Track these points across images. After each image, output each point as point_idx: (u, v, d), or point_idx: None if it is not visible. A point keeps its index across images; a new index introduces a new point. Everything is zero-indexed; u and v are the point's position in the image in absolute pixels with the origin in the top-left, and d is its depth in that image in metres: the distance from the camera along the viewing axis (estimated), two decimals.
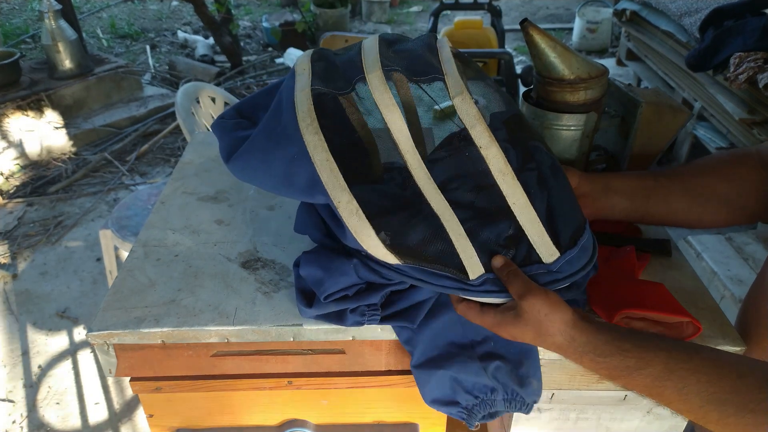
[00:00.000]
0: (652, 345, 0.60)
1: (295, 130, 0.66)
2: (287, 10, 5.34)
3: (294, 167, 0.66)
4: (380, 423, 0.88)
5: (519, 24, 0.79)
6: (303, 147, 0.64)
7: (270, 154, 0.69)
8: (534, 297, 0.61)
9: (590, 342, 0.61)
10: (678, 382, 0.58)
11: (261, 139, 0.71)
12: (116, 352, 0.76)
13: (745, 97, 2.42)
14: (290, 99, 0.69)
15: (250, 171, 0.72)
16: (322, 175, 0.64)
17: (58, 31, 3.21)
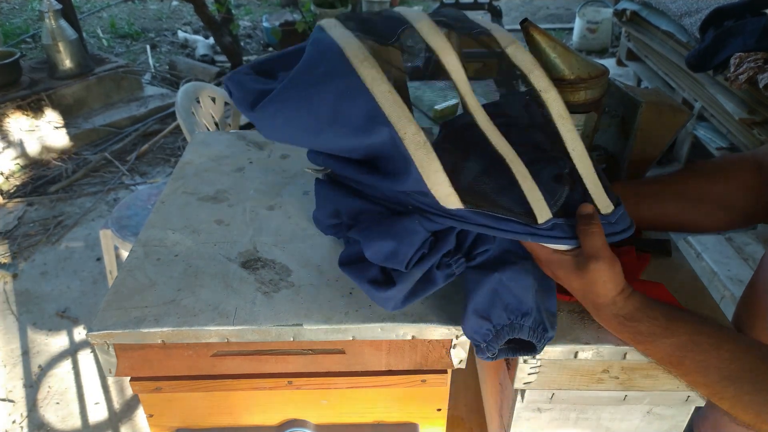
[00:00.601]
0: (679, 316, 0.62)
1: (344, 68, 0.62)
2: (287, 10, 5.34)
3: (344, 103, 0.62)
4: (380, 423, 0.88)
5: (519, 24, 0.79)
6: (356, 82, 0.61)
7: (311, 94, 0.64)
8: (604, 262, 0.61)
9: (625, 307, 0.63)
10: (700, 354, 0.60)
11: (297, 83, 0.66)
12: (116, 351, 0.76)
13: (745, 97, 2.42)
14: (330, 45, 0.65)
15: (283, 117, 0.66)
16: (385, 107, 0.60)
17: (58, 30, 3.21)
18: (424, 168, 0.59)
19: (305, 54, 0.69)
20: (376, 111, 0.60)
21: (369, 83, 0.61)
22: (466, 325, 0.68)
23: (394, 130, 0.60)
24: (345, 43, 0.64)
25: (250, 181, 1.05)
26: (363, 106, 0.61)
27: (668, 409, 0.80)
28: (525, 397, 0.80)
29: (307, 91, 0.64)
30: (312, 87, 0.64)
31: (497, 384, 0.95)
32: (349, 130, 0.63)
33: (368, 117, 0.61)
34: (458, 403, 1.16)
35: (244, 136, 1.22)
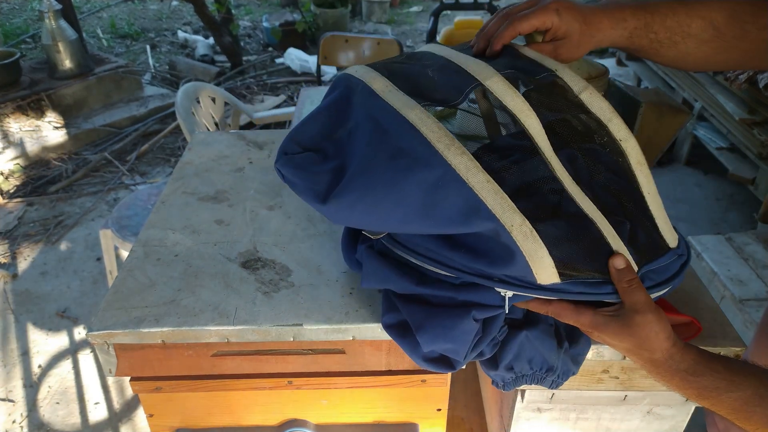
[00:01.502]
0: (743, 369, 0.61)
1: (429, 154, 0.58)
2: (287, 10, 5.34)
3: (438, 195, 0.58)
4: (380, 423, 0.88)
5: None
6: (448, 171, 0.57)
7: (396, 183, 0.59)
8: (651, 313, 0.60)
9: (685, 360, 0.61)
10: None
11: (375, 169, 0.61)
12: (116, 351, 0.76)
13: (745, 97, 2.42)
14: (396, 120, 0.61)
15: (363, 208, 0.62)
16: (487, 199, 0.56)
17: (58, 30, 3.21)
18: (532, 258, 0.57)
19: (365, 126, 0.64)
20: (477, 204, 0.57)
21: (464, 174, 0.57)
22: (485, 367, 0.73)
23: (500, 223, 0.57)
24: (418, 120, 0.60)
25: (250, 181, 1.05)
26: (460, 197, 0.57)
27: (668, 409, 0.80)
28: (525, 397, 0.80)
29: (390, 181, 0.59)
30: (396, 175, 0.59)
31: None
32: (444, 221, 0.59)
33: (467, 210, 0.57)
34: (458, 403, 1.16)
35: (244, 136, 1.22)
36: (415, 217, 0.59)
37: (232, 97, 2.16)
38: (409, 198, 0.59)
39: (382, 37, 2.59)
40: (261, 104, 3.70)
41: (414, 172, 0.58)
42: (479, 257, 0.61)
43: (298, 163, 0.68)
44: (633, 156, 0.63)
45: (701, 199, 2.79)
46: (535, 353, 0.69)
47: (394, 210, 0.60)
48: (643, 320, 0.60)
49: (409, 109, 0.61)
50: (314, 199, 0.65)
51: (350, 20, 5.46)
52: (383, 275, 0.69)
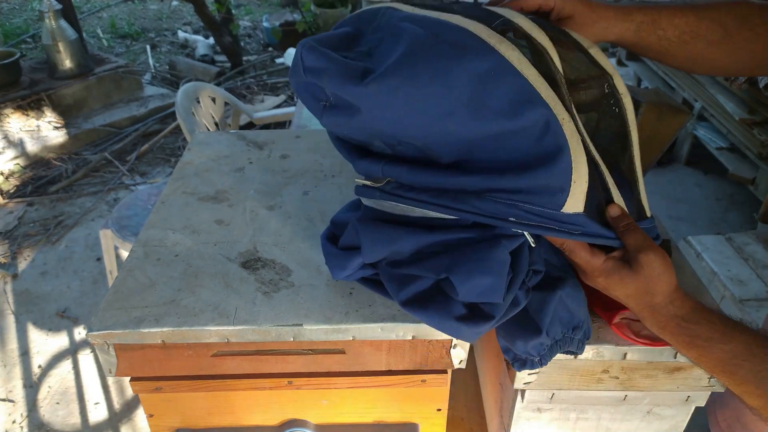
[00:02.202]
0: (737, 323, 0.61)
1: (481, 46, 0.56)
2: (287, 10, 5.34)
3: (489, 84, 0.56)
4: (380, 423, 0.88)
5: None
6: (501, 61, 0.56)
7: (446, 69, 0.57)
8: (654, 253, 0.61)
9: (684, 306, 0.62)
10: (757, 364, 0.58)
11: (422, 55, 0.58)
12: (116, 351, 0.76)
13: (745, 97, 2.42)
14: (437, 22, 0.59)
15: (406, 93, 0.58)
16: (541, 90, 0.56)
17: (58, 30, 3.21)
18: (576, 157, 0.57)
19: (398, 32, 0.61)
20: (530, 93, 0.56)
21: (517, 65, 0.56)
22: (524, 341, 0.68)
23: (553, 112, 0.56)
24: (461, 22, 0.58)
25: (250, 181, 1.05)
26: (512, 87, 0.56)
27: (668, 409, 0.80)
28: (525, 397, 0.80)
29: (440, 67, 0.57)
30: (446, 62, 0.57)
31: (497, 384, 0.95)
32: (491, 112, 0.57)
33: (520, 100, 0.56)
34: (458, 403, 1.16)
35: (244, 136, 1.22)
36: (463, 107, 0.57)
37: (232, 97, 2.16)
38: (457, 86, 0.56)
39: None
40: (261, 104, 3.71)
41: (466, 60, 0.56)
42: (506, 171, 0.59)
43: (326, 53, 0.63)
44: (629, 111, 0.65)
45: (701, 199, 2.79)
46: (564, 312, 0.67)
47: (440, 98, 0.57)
48: (647, 259, 0.60)
49: (449, 16, 0.60)
50: (350, 79, 0.60)
51: None
52: (388, 237, 0.66)
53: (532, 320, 0.67)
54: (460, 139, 0.60)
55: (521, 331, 0.68)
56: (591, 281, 0.66)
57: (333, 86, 0.62)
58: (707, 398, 0.78)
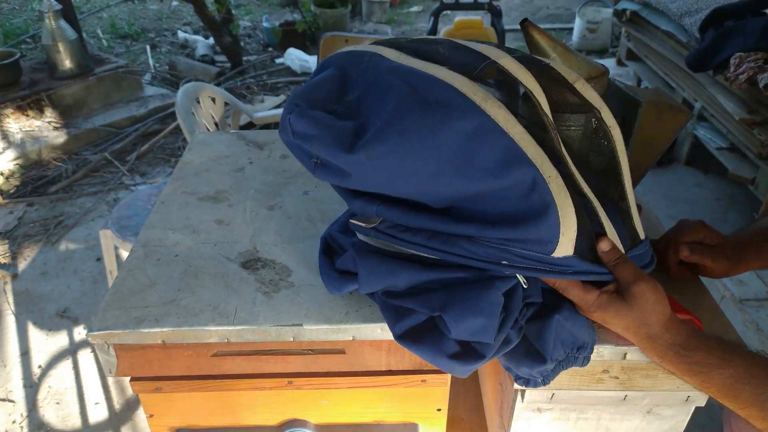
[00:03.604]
0: (735, 347, 0.62)
1: (466, 105, 0.57)
2: (287, 10, 5.34)
3: (474, 143, 0.57)
4: (380, 423, 0.88)
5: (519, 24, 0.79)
6: (486, 121, 0.56)
7: (432, 132, 0.58)
8: (645, 284, 0.61)
9: (680, 334, 0.62)
10: (757, 387, 0.59)
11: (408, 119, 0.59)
12: (116, 351, 0.76)
13: (746, 97, 2.42)
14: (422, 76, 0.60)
15: (396, 158, 0.59)
16: (527, 149, 0.56)
17: (58, 31, 3.21)
18: (563, 213, 0.58)
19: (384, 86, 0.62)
20: (516, 152, 0.56)
21: (503, 124, 0.57)
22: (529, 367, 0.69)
23: (539, 171, 0.57)
24: (448, 76, 0.59)
25: (250, 181, 1.05)
26: (499, 147, 0.57)
27: (668, 409, 0.80)
28: (525, 397, 0.80)
29: (426, 129, 0.58)
30: (432, 124, 0.58)
31: (497, 384, 0.95)
32: (479, 172, 0.58)
33: (506, 159, 0.57)
34: (458, 403, 1.16)
35: (244, 136, 1.22)
36: (450, 168, 0.58)
37: (232, 97, 2.16)
38: (445, 147, 0.58)
39: (382, 37, 2.59)
40: (261, 104, 3.70)
41: (452, 121, 0.57)
42: (498, 224, 0.60)
43: (315, 117, 0.64)
44: (618, 144, 0.65)
45: (701, 199, 2.79)
46: (566, 334, 0.68)
47: (428, 160, 0.58)
48: (639, 291, 0.61)
49: (435, 69, 0.60)
50: (340, 147, 0.61)
51: (350, 20, 5.45)
52: (385, 270, 0.67)
53: (535, 348, 0.69)
54: (450, 195, 0.62)
55: (526, 359, 0.69)
56: (588, 316, 0.67)
57: (323, 153, 0.64)
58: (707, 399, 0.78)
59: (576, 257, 0.61)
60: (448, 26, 3.14)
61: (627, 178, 0.66)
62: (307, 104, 0.67)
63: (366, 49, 0.67)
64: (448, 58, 0.64)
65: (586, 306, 0.65)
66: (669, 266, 0.79)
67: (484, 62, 0.62)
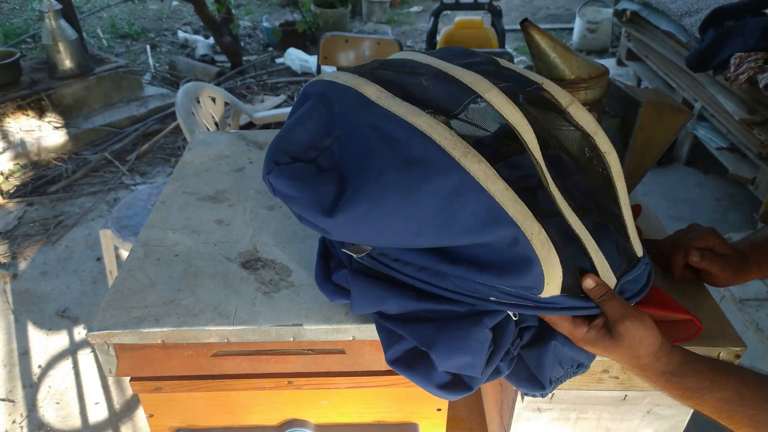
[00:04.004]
0: (726, 370, 0.62)
1: (445, 162, 0.56)
2: (287, 10, 5.34)
3: (456, 204, 0.56)
4: (380, 423, 0.88)
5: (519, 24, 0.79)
6: (466, 179, 0.55)
7: (411, 192, 0.57)
8: (632, 321, 0.61)
9: (670, 363, 0.63)
10: (749, 408, 0.60)
11: (386, 177, 0.58)
12: (116, 351, 0.76)
13: (746, 97, 2.42)
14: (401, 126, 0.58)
15: (375, 219, 0.59)
16: (508, 207, 0.56)
17: (58, 30, 3.21)
18: (547, 266, 0.57)
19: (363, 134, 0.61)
20: (497, 212, 0.56)
21: (483, 181, 0.55)
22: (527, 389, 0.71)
23: (521, 230, 0.56)
24: (427, 127, 0.57)
25: (250, 181, 1.05)
26: (479, 205, 0.56)
27: (668, 409, 0.80)
28: (525, 397, 0.80)
29: (405, 190, 0.57)
30: (411, 184, 0.57)
31: (497, 384, 0.95)
32: (461, 231, 0.57)
33: (487, 218, 0.56)
34: (458, 403, 1.16)
35: (244, 136, 1.22)
36: (431, 227, 0.58)
37: (233, 97, 2.16)
38: (425, 208, 0.57)
39: (382, 37, 2.59)
40: (261, 104, 3.70)
41: (430, 181, 0.56)
42: (486, 269, 0.60)
43: (294, 174, 0.63)
44: (614, 168, 0.65)
45: (701, 199, 2.79)
46: (563, 356, 0.69)
47: (408, 221, 0.58)
48: (625, 328, 0.61)
49: (415, 116, 0.58)
50: (319, 212, 0.61)
51: (350, 20, 5.46)
52: (376, 296, 0.66)
53: (534, 376, 0.70)
54: (434, 248, 0.62)
55: (526, 382, 0.71)
56: (580, 346, 0.67)
57: (303, 214, 0.64)
58: None
59: (563, 295, 0.61)
60: (448, 26, 3.14)
61: (623, 199, 0.66)
62: (287, 154, 0.66)
63: (348, 83, 0.65)
64: (430, 94, 0.62)
65: (575, 340, 0.66)
66: (674, 269, 0.80)
67: (470, 98, 0.61)
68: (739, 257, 0.79)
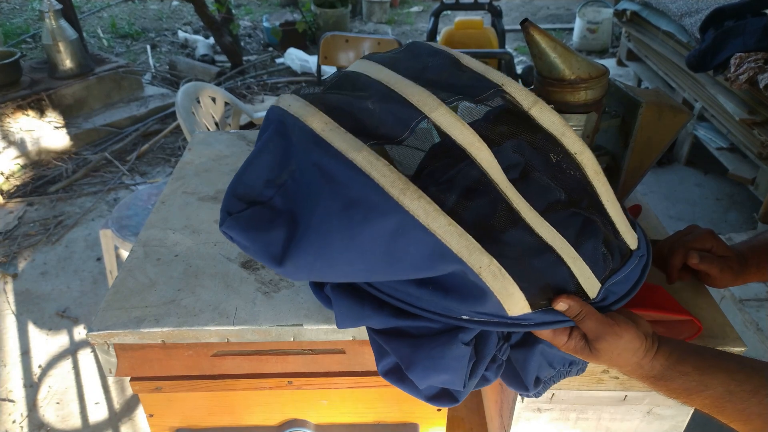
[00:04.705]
0: (712, 367, 0.62)
1: (384, 202, 0.55)
2: (287, 10, 5.34)
3: (399, 243, 0.55)
4: (380, 423, 0.88)
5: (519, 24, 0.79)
6: (406, 218, 0.54)
7: (354, 236, 0.57)
8: (608, 339, 0.61)
9: (654, 368, 0.63)
10: (739, 403, 0.60)
11: (331, 221, 0.58)
12: (116, 351, 0.76)
13: (746, 97, 2.42)
14: (342, 164, 0.57)
15: (323, 262, 0.59)
16: (451, 244, 0.55)
17: (58, 30, 3.21)
18: (503, 295, 0.57)
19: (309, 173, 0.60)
20: (441, 249, 0.55)
21: (423, 219, 0.54)
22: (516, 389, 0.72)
23: (467, 266, 0.55)
24: (366, 164, 0.56)
25: None
26: (423, 244, 0.55)
27: (668, 409, 0.80)
28: (525, 398, 0.80)
29: (347, 235, 0.57)
30: (352, 228, 0.56)
31: (497, 384, 0.95)
32: (409, 268, 0.57)
33: (432, 255, 0.55)
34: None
35: (244, 136, 1.22)
36: (379, 267, 0.58)
37: (233, 96, 2.16)
38: (369, 250, 0.57)
39: (383, 37, 2.60)
40: (261, 104, 3.71)
41: (371, 223, 0.56)
42: (449, 293, 0.59)
43: (246, 224, 0.63)
44: (589, 167, 0.62)
45: (701, 199, 2.79)
46: (553, 356, 0.69)
47: (355, 264, 0.58)
48: (603, 346, 0.62)
49: (355, 152, 0.57)
50: (270, 262, 0.62)
51: (350, 20, 5.46)
52: (357, 312, 0.66)
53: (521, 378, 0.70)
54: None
55: (515, 382, 0.71)
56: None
57: (258, 260, 0.64)
58: None
59: (538, 311, 0.60)
60: (448, 26, 3.15)
61: (606, 196, 0.63)
62: (241, 199, 0.65)
63: (298, 114, 0.63)
64: (377, 119, 0.61)
65: (558, 348, 0.66)
66: (672, 270, 0.80)
67: (416, 120, 0.59)
68: (739, 259, 0.79)
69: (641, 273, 0.67)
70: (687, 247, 0.79)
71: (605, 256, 0.63)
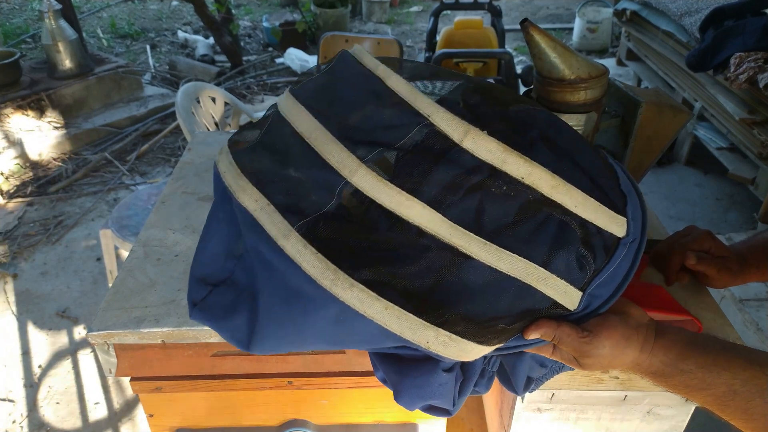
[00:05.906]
0: (716, 365, 0.59)
1: (317, 293, 0.55)
2: (287, 10, 5.34)
3: (344, 328, 0.56)
4: (380, 423, 0.88)
5: (519, 24, 0.79)
6: (343, 307, 0.54)
7: (303, 326, 0.58)
8: (590, 354, 0.61)
9: (653, 365, 0.62)
10: (742, 402, 0.59)
11: (276, 313, 0.59)
12: (116, 351, 0.76)
13: (746, 97, 2.42)
14: (276, 252, 0.56)
15: (288, 345, 0.61)
16: (392, 327, 0.54)
17: (58, 30, 3.21)
18: (460, 356, 0.57)
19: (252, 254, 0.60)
20: (383, 331, 0.55)
21: (359, 307, 0.54)
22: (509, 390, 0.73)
23: (413, 344, 0.56)
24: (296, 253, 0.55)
25: None
26: (366, 326, 0.55)
27: (668, 409, 0.80)
28: (525, 397, 0.80)
29: (297, 323, 0.58)
30: (298, 318, 0.57)
31: (497, 384, 0.95)
32: (361, 342, 0.59)
33: (380, 334, 0.56)
34: None
35: None
36: (336, 343, 0.59)
37: (233, 97, 2.16)
38: (320, 333, 0.58)
39: (382, 37, 2.59)
40: (261, 104, 3.71)
41: (312, 315, 0.56)
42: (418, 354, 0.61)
43: (211, 313, 0.64)
44: (544, 185, 0.55)
45: (701, 199, 2.79)
46: (543, 357, 0.69)
47: (315, 343, 0.60)
48: (588, 363, 0.62)
49: (285, 239, 0.56)
50: (239, 346, 0.63)
51: (350, 20, 5.46)
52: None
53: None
54: None
55: (507, 384, 0.72)
56: None
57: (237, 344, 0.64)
58: None
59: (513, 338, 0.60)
60: (448, 26, 3.14)
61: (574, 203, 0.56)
62: (202, 282, 0.65)
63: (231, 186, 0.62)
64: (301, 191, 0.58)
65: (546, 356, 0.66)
66: (669, 271, 0.79)
67: (339, 186, 0.56)
68: (737, 259, 0.79)
69: (632, 260, 0.62)
70: (685, 248, 0.79)
71: (585, 260, 0.58)
